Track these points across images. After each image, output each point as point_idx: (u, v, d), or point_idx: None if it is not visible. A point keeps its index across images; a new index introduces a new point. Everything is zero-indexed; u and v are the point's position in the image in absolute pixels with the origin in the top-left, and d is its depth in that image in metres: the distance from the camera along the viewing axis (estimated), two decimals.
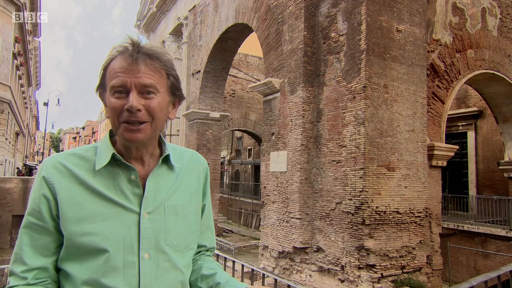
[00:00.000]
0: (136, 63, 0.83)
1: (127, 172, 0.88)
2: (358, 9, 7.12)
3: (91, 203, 0.84)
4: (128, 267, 0.83)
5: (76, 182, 0.85)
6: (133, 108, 0.82)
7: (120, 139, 0.89)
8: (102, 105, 0.95)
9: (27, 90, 30.65)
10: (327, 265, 7.34)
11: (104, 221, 0.83)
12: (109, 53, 0.87)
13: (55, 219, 0.84)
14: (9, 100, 17.92)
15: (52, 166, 0.86)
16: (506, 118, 11.50)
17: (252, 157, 24.96)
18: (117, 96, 0.84)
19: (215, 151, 13.96)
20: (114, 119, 0.85)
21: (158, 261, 0.86)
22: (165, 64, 0.87)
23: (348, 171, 7.05)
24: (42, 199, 0.84)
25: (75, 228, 0.82)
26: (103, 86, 0.88)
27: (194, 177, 1.01)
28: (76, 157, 0.88)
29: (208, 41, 13.10)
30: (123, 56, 0.84)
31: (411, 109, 7.42)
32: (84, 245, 0.81)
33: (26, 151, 40.75)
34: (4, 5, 16.43)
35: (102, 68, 0.88)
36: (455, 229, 10.79)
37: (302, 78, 8.10)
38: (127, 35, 0.87)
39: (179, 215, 0.92)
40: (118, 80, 0.83)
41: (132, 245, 0.84)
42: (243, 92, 20.65)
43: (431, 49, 8.52)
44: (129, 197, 0.86)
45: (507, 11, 10.47)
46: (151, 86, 0.84)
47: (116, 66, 0.84)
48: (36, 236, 0.83)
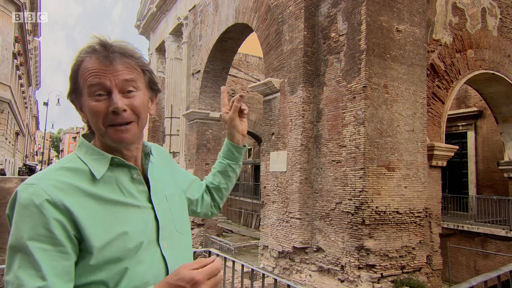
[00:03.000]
0: (112, 64, 0.81)
1: (128, 172, 0.88)
2: (358, 9, 7.12)
3: (107, 212, 0.81)
4: (153, 259, 0.85)
5: (83, 196, 0.79)
6: (119, 109, 0.80)
7: (107, 142, 0.86)
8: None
9: (27, 90, 30.64)
10: (327, 265, 7.34)
11: (125, 224, 0.83)
12: (76, 56, 0.83)
13: (73, 240, 0.76)
14: (9, 100, 17.92)
15: (51, 187, 0.76)
16: (506, 118, 11.50)
17: (252, 157, 24.96)
18: (98, 99, 0.81)
19: (215, 151, 13.94)
20: (97, 123, 0.82)
21: (173, 247, 0.90)
22: (139, 61, 0.86)
23: (348, 171, 7.05)
24: (54, 223, 0.74)
25: (102, 239, 0.78)
26: (76, 91, 0.84)
27: (166, 166, 1.06)
28: (68, 171, 0.81)
29: (208, 41, 13.10)
30: (95, 57, 0.81)
31: (411, 109, 7.42)
32: (114, 251, 0.78)
33: (26, 151, 40.75)
34: (4, 5, 16.43)
35: (72, 71, 0.84)
36: (455, 229, 10.79)
37: (302, 78, 8.10)
38: (93, 35, 0.83)
39: (175, 201, 0.99)
40: (96, 83, 0.80)
41: (153, 238, 0.87)
42: (243, 92, 20.64)
43: (431, 49, 8.52)
44: (137, 196, 0.88)
45: (507, 11, 10.47)
46: (132, 80, 0.83)
47: (91, 67, 0.80)
48: (55, 264, 0.73)
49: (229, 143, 1.23)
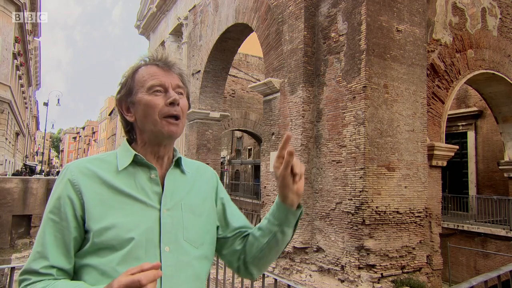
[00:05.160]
0: (169, 70, 0.98)
1: (148, 171, 0.95)
2: (358, 9, 7.13)
3: (115, 201, 0.89)
4: (151, 259, 0.86)
5: (100, 183, 0.90)
6: (176, 100, 0.94)
7: (156, 135, 0.95)
8: (104, 105, 0.99)
9: (27, 90, 30.65)
10: (327, 265, 7.34)
11: (128, 216, 0.88)
12: (135, 63, 1.00)
13: (78, 220, 0.87)
14: (9, 100, 17.92)
15: (77, 169, 0.91)
16: (506, 118, 11.50)
17: (252, 157, 24.97)
18: (156, 94, 0.94)
19: (215, 151, 13.95)
20: (153, 115, 0.93)
21: (178, 255, 0.91)
22: (184, 78, 1.02)
23: (348, 171, 7.05)
24: (67, 200, 0.87)
25: (101, 224, 0.86)
26: (131, 90, 0.97)
27: (204, 182, 1.07)
28: (99, 161, 0.95)
29: (208, 41, 13.11)
30: (155, 65, 0.97)
31: (411, 109, 7.42)
32: (110, 238, 0.85)
33: (26, 151, 40.75)
34: (4, 5, 16.44)
35: (129, 75, 0.98)
36: (455, 229, 10.80)
37: (302, 78, 8.10)
38: (151, 51, 1.02)
39: (195, 213, 0.98)
40: (157, 81, 0.95)
41: (153, 238, 0.89)
42: (243, 92, 20.65)
43: (431, 49, 8.52)
44: (149, 195, 0.93)
45: (507, 11, 10.47)
46: (182, 87, 0.99)
47: (152, 71, 0.96)
48: (59, 236, 0.86)
49: (282, 205, 0.96)
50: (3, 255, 12.67)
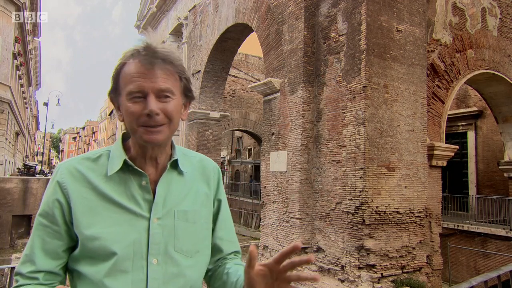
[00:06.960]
0: (152, 68, 0.85)
1: (139, 178, 0.90)
2: (358, 9, 7.13)
3: (103, 209, 0.86)
4: (137, 271, 0.84)
5: (89, 188, 0.87)
6: (153, 112, 0.83)
7: (137, 140, 0.89)
8: (104, 105, 0.96)
9: (27, 90, 30.65)
10: (327, 265, 7.34)
11: (115, 226, 0.85)
12: (122, 56, 0.88)
13: (67, 223, 0.86)
14: (9, 100, 17.92)
15: (66, 171, 0.88)
16: (506, 118, 11.50)
17: (252, 157, 24.97)
18: (135, 101, 0.85)
19: (215, 151, 13.95)
20: (131, 123, 0.86)
21: (166, 266, 0.87)
22: (178, 68, 0.89)
23: (348, 171, 7.05)
24: (56, 204, 0.86)
25: (87, 232, 0.84)
26: (117, 90, 0.89)
27: (203, 183, 1.01)
28: (90, 161, 0.91)
29: (208, 41, 13.11)
30: (138, 61, 0.85)
31: (411, 109, 7.42)
32: (96, 248, 0.83)
33: (26, 151, 40.75)
34: (4, 5, 16.44)
35: (115, 72, 0.89)
36: (455, 229, 10.80)
37: (302, 78, 8.10)
38: (141, 40, 0.88)
39: (189, 220, 0.92)
40: (136, 86, 0.84)
41: (141, 250, 0.85)
42: (243, 92, 20.66)
43: (431, 49, 8.52)
44: (139, 203, 0.88)
45: (507, 11, 10.47)
46: (167, 90, 0.86)
47: (132, 70, 0.85)
48: (48, 240, 0.85)
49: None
50: (3, 255, 12.68)
